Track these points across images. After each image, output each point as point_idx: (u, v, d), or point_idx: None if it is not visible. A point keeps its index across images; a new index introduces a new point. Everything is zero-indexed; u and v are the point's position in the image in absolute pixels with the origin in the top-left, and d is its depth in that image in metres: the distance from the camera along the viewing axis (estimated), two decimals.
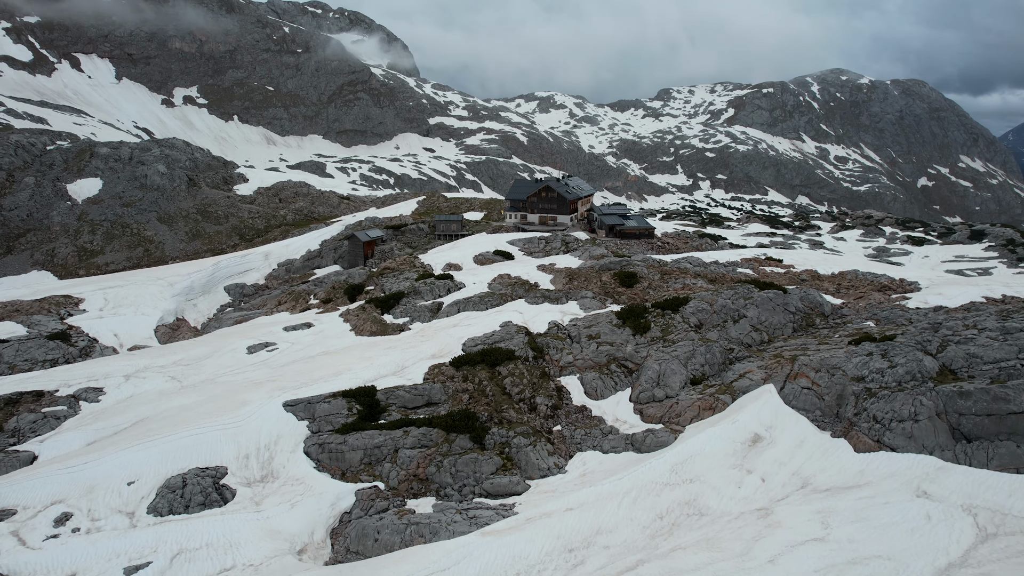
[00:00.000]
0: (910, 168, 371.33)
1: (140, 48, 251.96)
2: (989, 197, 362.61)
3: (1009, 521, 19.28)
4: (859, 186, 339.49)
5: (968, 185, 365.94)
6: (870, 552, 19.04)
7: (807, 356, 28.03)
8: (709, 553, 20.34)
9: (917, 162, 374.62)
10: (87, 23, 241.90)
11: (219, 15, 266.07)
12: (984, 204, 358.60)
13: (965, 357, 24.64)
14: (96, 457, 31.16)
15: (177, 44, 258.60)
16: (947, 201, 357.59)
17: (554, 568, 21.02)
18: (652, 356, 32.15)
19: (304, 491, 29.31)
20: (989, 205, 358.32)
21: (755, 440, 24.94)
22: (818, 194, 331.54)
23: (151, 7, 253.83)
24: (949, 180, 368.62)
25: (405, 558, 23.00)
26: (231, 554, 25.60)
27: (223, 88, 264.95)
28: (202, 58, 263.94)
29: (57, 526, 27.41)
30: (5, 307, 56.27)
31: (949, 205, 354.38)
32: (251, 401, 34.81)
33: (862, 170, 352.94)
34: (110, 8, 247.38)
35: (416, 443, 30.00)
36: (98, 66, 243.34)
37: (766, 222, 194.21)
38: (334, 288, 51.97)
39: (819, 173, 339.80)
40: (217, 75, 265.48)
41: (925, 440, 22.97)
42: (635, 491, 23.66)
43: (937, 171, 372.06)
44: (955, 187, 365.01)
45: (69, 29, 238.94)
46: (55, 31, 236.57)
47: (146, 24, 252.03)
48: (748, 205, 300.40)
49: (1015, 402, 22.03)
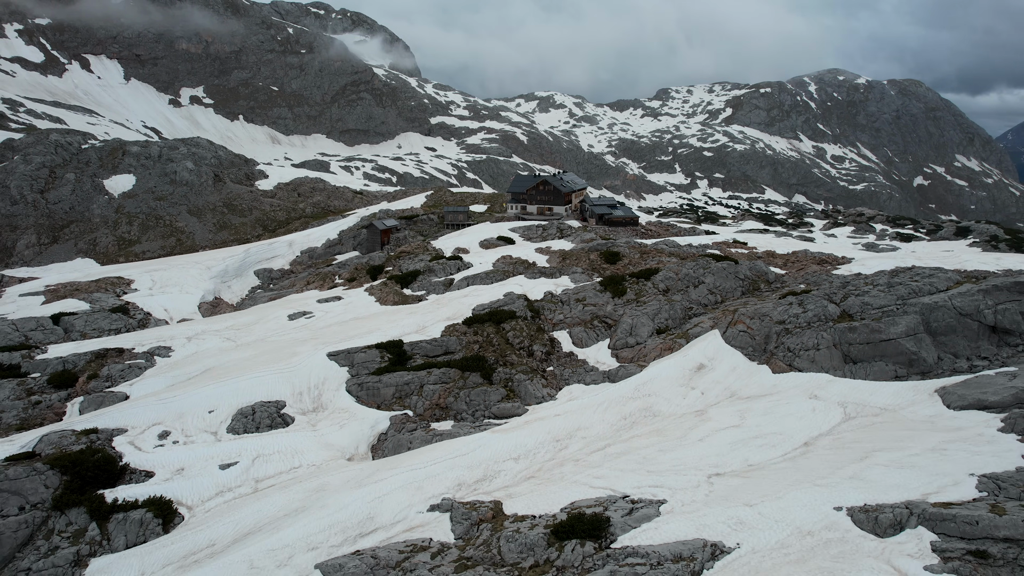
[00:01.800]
0: (906, 167, 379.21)
1: (148, 49, 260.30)
2: (984, 196, 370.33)
3: (865, 409, 27.38)
4: (855, 185, 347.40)
5: (964, 184, 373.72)
6: (769, 431, 27.13)
7: (746, 308, 36.20)
8: (657, 438, 28.44)
9: (913, 161, 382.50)
10: (96, 25, 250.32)
11: (225, 17, 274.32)
12: (979, 203, 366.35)
13: (860, 304, 32.80)
14: (180, 393, 39.30)
15: (184, 45, 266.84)
16: (943, 200, 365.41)
17: (545, 451, 29.15)
18: (627, 314, 40.29)
19: (349, 417, 37.39)
20: (984, 204, 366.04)
21: (699, 367, 33.09)
22: (815, 193, 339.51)
23: (158, 9, 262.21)
24: (945, 179, 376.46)
25: (434, 448, 31.15)
26: (297, 457, 33.76)
27: (229, 88, 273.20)
28: (208, 59, 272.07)
29: (161, 439, 35.56)
30: (65, 287, 64.53)
31: (945, 204, 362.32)
32: (299, 353, 42.91)
33: (859, 169, 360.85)
34: (119, 10, 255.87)
35: (437, 380, 38.11)
36: (107, 67, 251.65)
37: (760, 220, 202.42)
38: (357, 269, 60.06)
39: (816, 172, 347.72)
40: (223, 75, 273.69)
41: (823, 363, 31.15)
42: (607, 403, 31.78)
43: (933, 170, 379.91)
44: (951, 186, 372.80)
45: (79, 31, 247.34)
46: (65, 32, 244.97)
47: (153, 26, 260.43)
48: (745, 204, 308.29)
49: (885, 332, 30.22)
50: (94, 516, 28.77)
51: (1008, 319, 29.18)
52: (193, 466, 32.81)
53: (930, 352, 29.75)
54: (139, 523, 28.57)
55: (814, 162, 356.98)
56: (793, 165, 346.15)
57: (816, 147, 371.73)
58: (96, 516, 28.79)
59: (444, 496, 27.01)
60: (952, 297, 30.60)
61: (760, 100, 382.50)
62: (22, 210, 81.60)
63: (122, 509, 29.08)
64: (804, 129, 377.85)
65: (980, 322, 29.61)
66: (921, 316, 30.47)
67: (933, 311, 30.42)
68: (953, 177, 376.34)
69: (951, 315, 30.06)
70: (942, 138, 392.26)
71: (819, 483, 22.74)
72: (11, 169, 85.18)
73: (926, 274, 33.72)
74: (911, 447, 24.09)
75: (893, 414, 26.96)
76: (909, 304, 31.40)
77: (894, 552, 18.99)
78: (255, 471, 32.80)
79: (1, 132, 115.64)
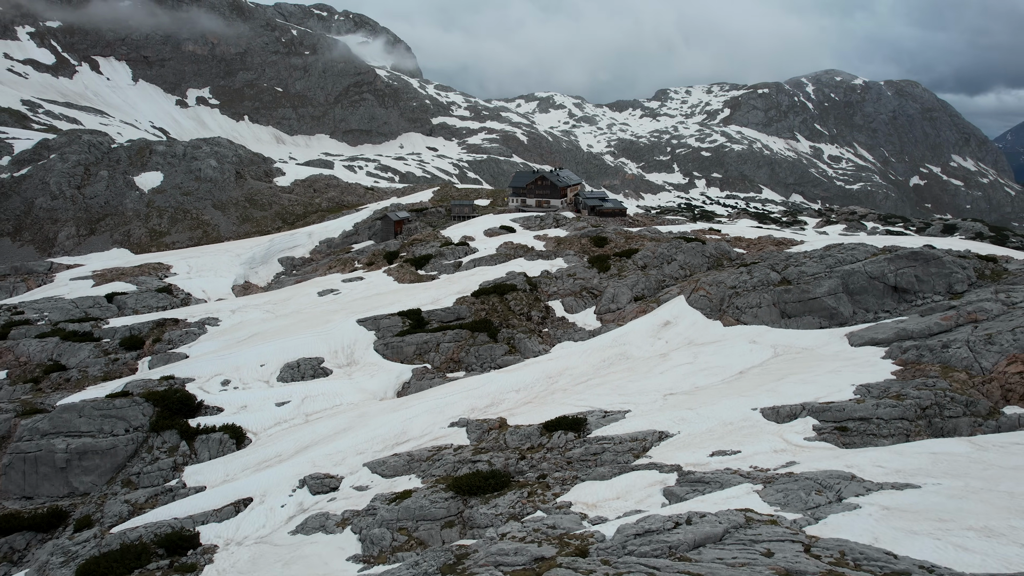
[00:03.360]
0: (903, 167, 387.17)
1: (155, 51, 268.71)
2: (980, 196, 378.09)
3: (791, 349, 35.45)
4: (852, 184, 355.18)
5: (959, 184, 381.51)
6: (714, 365, 35.18)
7: (706, 278, 44.34)
8: (628, 373, 36.52)
9: (910, 161, 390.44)
10: (105, 27, 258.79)
11: (230, 19, 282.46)
12: (975, 203, 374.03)
13: (796, 272, 40.92)
14: (235, 351, 47.38)
15: (190, 47, 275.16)
16: (938, 199, 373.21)
17: (540, 384, 37.21)
18: (610, 285, 48.38)
19: (378, 370, 45.43)
20: (980, 204, 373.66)
21: (666, 324, 41.22)
22: (812, 192, 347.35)
23: (166, 12, 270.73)
24: (941, 179, 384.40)
25: (450, 386, 39.23)
26: (338, 398, 41.83)
27: (234, 89, 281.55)
28: (214, 60, 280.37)
29: (223, 386, 43.61)
30: (111, 272, 72.69)
31: (940, 203, 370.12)
32: (332, 320, 50.97)
33: (855, 169, 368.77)
34: (127, 13, 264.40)
35: (451, 340, 46.16)
36: (116, 68, 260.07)
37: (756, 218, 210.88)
38: (375, 254, 68.16)
39: (813, 172, 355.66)
40: (228, 77, 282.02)
41: (764, 318, 39.27)
42: (590, 350, 39.86)
43: (929, 170, 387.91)
44: (946, 186, 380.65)
45: (88, 33, 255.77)
46: (75, 35, 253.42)
47: (161, 28, 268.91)
48: (742, 203, 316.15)
49: (812, 292, 38.34)
50: (183, 436, 36.82)
51: (905, 281, 37.31)
52: (253, 404, 40.89)
53: (847, 307, 37.88)
54: (218, 441, 36.62)
55: (811, 162, 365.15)
56: (790, 165, 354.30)
57: (813, 147, 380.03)
58: (184, 436, 36.84)
59: (460, 416, 35.06)
60: (865, 265, 38.73)
61: (758, 101, 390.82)
62: (61, 204, 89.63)
63: (203, 432, 37.14)
64: (801, 129, 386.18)
65: (885, 283, 37.72)
66: (841, 280, 38.61)
67: (850, 276, 38.56)
68: (949, 177, 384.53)
69: (864, 279, 38.17)
70: (938, 138, 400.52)
71: (744, 395, 30.82)
72: (49, 167, 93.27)
73: (851, 248, 41.88)
74: (816, 371, 32.20)
75: (811, 352, 35.06)
76: (834, 271, 39.55)
77: (786, 431, 27.06)
78: (304, 407, 40.86)
79: (29, 132, 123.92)
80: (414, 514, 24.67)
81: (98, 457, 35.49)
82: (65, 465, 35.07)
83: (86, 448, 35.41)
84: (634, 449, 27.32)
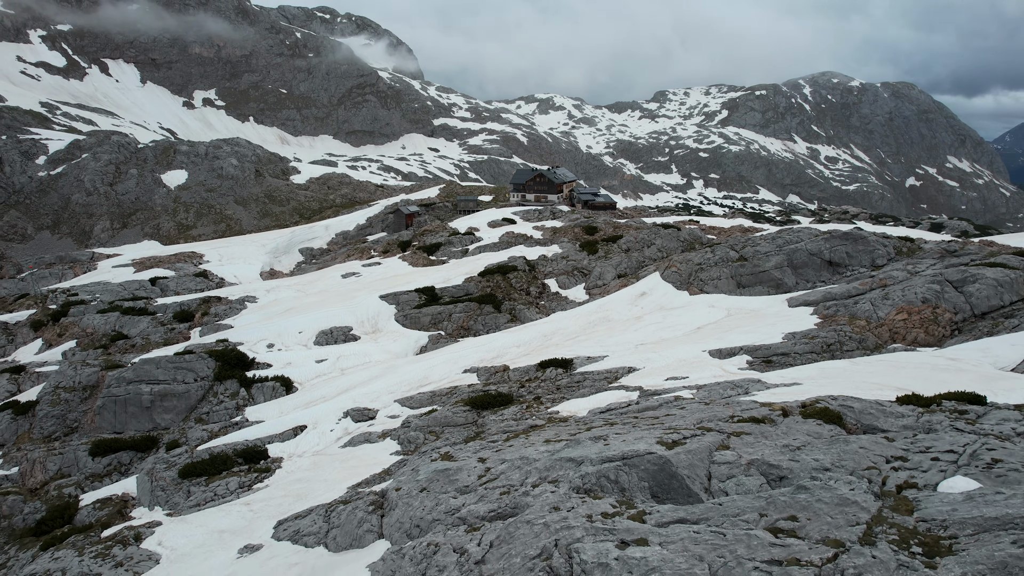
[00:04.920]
0: (899, 168, 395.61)
1: (163, 53, 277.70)
2: (975, 196, 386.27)
3: (742, 311, 43.93)
4: (848, 185, 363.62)
5: (955, 185, 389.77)
6: (678, 323, 43.62)
7: (679, 257, 52.89)
8: (609, 331, 45.01)
9: (906, 162, 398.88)
10: (114, 30, 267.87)
11: (236, 22, 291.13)
12: (970, 203, 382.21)
13: (752, 251, 49.45)
14: (275, 321, 55.85)
15: (197, 50, 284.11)
16: (934, 200, 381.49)
17: (536, 341, 45.66)
18: (598, 265, 56.89)
19: (399, 336, 53.90)
20: (975, 204, 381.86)
21: (642, 294, 49.77)
22: (808, 193, 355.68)
23: (173, 15, 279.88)
24: (936, 180, 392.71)
25: (463, 343, 47.64)
26: (367, 356, 50.32)
27: (239, 91, 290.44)
28: (220, 63, 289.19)
29: (269, 348, 52.07)
30: (149, 260, 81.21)
31: (936, 204, 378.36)
32: (357, 296, 59.44)
33: (851, 170, 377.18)
34: (135, 16, 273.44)
35: (461, 311, 54.63)
36: (124, 70, 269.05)
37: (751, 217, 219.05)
38: (389, 243, 76.72)
39: (809, 173, 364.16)
40: (234, 79, 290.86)
41: (723, 288, 47.79)
42: (578, 314, 48.35)
43: (925, 171, 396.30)
44: (942, 187, 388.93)
45: (98, 36, 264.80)
46: (85, 38, 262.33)
47: (168, 31, 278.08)
48: (739, 203, 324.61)
49: (762, 267, 46.91)
50: (242, 384, 45.26)
51: (838, 256, 45.88)
52: (296, 361, 49.37)
53: (791, 278, 46.43)
54: (271, 388, 45.10)
55: (808, 163, 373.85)
56: (787, 166, 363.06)
57: (810, 148, 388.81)
58: (243, 384, 45.30)
59: (472, 365, 43.51)
60: (806, 244, 47.31)
61: (755, 102, 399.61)
62: (96, 200, 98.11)
63: (258, 381, 45.61)
64: (798, 131, 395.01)
65: (822, 259, 46.26)
66: (787, 256, 47.17)
67: (794, 253, 47.12)
68: (944, 178, 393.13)
69: (805, 255, 46.74)
70: (934, 140, 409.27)
71: (697, 342, 39.31)
72: (83, 166, 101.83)
73: (798, 231, 50.45)
74: (758, 325, 40.69)
75: (757, 312, 43.56)
76: (782, 250, 48.13)
77: (725, 364, 35.50)
78: (339, 364, 49.35)
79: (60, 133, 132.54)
80: (440, 421, 33.13)
81: (175, 399, 43.99)
82: (150, 405, 43.58)
83: (166, 392, 43.92)
84: (608, 378, 35.76)
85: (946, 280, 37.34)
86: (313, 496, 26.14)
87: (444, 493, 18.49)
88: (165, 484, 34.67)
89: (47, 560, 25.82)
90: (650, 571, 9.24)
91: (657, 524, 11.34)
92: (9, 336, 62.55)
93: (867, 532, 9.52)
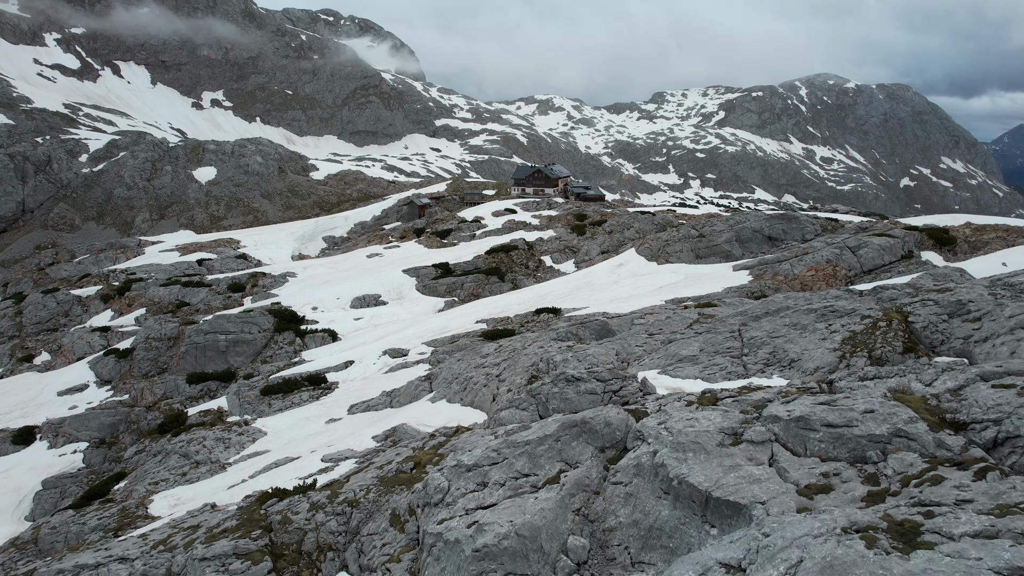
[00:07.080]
0: (893, 169, 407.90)
1: (172, 56, 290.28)
2: (968, 197, 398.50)
3: (696, 275, 56.04)
4: (843, 185, 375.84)
5: (948, 185, 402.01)
6: (646, 285, 55.72)
7: (652, 236, 65.12)
8: (591, 291, 57.15)
9: (900, 163, 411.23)
10: (126, 33, 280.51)
11: (244, 26, 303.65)
12: (963, 203, 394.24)
13: (709, 230, 61.70)
14: (316, 290, 67.94)
15: (205, 52, 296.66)
16: (928, 200, 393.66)
17: (533, 300, 57.77)
18: (585, 244, 69.10)
19: (420, 301, 65.97)
20: (968, 204, 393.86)
21: (619, 265, 62.03)
22: (803, 193, 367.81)
23: (182, 19, 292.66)
24: (930, 180, 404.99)
25: (475, 302, 59.77)
26: (394, 315, 62.45)
27: (246, 92, 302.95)
28: (227, 65, 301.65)
29: (313, 310, 64.15)
30: (192, 245, 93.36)
31: (930, 204, 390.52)
32: (383, 270, 71.56)
33: (846, 170, 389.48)
34: (146, 20, 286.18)
35: (471, 281, 66.73)
36: (135, 72, 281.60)
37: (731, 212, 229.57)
38: (406, 230, 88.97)
39: (805, 173, 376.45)
40: (241, 80, 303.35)
41: (684, 259, 60.03)
42: (567, 280, 60.51)
43: (919, 172, 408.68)
44: (936, 187, 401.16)
45: (110, 39, 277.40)
46: (98, 41, 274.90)
47: (178, 34, 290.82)
48: (735, 203, 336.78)
49: (716, 241, 59.21)
50: (297, 335, 57.34)
51: (776, 232, 58.14)
52: (337, 319, 61.50)
53: (738, 250, 58.65)
54: (321, 337, 57.21)
55: (803, 163, 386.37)
56: (783, 166, 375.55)
57: (806, 149, 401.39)
58: (297, 335, 57.37)
59: (482, 317, 55.62)
60: (751, 223, 59.57)
61: (752, 103, 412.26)
62: (135, 194, 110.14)
63: (310, 333, 57.68)
64: (794, 131, 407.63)
65: (763, 235, 58.49)
66: (736, 233, 59.41)
67: (742, 230, 59.36)
68: (938, 179, 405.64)
69: (749, 232, 58.96)
70: (928, 141, 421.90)
71: (659, 296, 51.48)
72: (123, 163, 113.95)
73: (748, 214, 62.62)
74: (706, 284, 52.88)
75: (708, 275, 55.75)
76: (733, 228, 60.37)
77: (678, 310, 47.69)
78: (373, 321, 61.49)
79: (97, 133, 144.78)
80: (461, 347, 45.22)
81: (245, 345, 56.10)
82: (225, 349, 55.70)
83: (237, 339, 56.03)
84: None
85: (846, 246, 49.60)
86: (371, 397, 38.02)
87: (472, 361, 30.92)
88: (251, 399, 46.85)
89: (184, 439, 37.79)
90: (588, 355, 21.61)
91: (595, 344, 23.78)
92: (84, 307, 74.66)
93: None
